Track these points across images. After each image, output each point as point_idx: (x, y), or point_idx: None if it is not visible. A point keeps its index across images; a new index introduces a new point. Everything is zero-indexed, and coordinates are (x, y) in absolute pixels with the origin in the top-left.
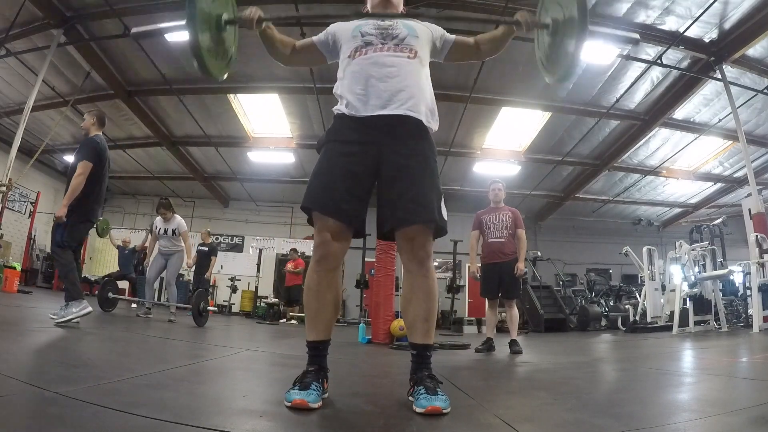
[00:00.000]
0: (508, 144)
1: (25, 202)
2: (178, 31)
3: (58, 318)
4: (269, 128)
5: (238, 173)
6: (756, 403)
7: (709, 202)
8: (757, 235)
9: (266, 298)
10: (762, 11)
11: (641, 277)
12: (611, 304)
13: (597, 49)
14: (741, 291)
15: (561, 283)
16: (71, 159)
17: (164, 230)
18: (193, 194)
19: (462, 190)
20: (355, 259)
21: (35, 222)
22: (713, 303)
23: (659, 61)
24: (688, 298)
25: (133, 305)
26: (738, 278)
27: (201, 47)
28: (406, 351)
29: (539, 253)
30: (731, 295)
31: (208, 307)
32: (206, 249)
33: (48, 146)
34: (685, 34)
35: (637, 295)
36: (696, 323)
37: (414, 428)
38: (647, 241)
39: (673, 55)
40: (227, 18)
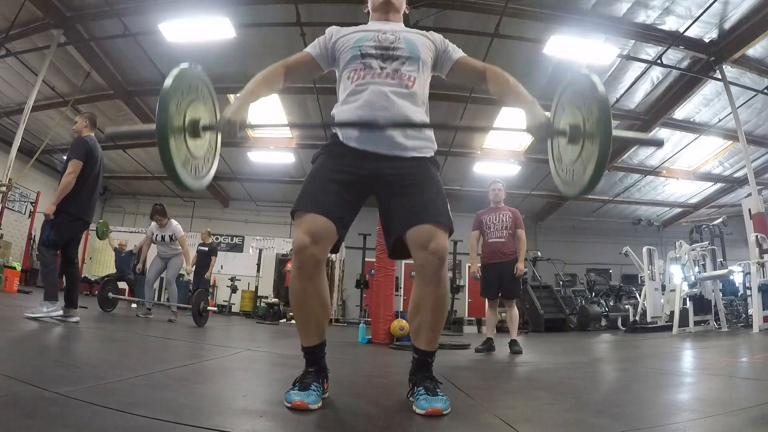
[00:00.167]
0: (508, 144)
1: (25, 202)
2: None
3: (30, 312)
4: (269, 128)
5: (238, 173)
6: (756, 403)
7: (709, 202)
8: (757, 235)
9: (266, 298)
10: (762, 11)
11: (641, 277)
12: (611, 304)
13: (597, 49)
14: (741, 291)
15: (561, 283)
16: None
17: (161, 237)
18: (193, 194)
19: (462, 190)
20: (355, 259)
21: (35, 222)
22: (713, 303)
23: (659, 61)
24: (688, 298)
25: (133, 305)
26: (738, 278)
27: (174, 162)
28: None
29: (539, 253)
30: (731, 295)
31: (208, 307)
32: (206, 249)
33: (48, 146)
34: (685, 34)
35: (637, 295)
36: (696, 323)
37: (414, 428)
38: (647, 241)
39: (673, 55)
40: (205, 124)
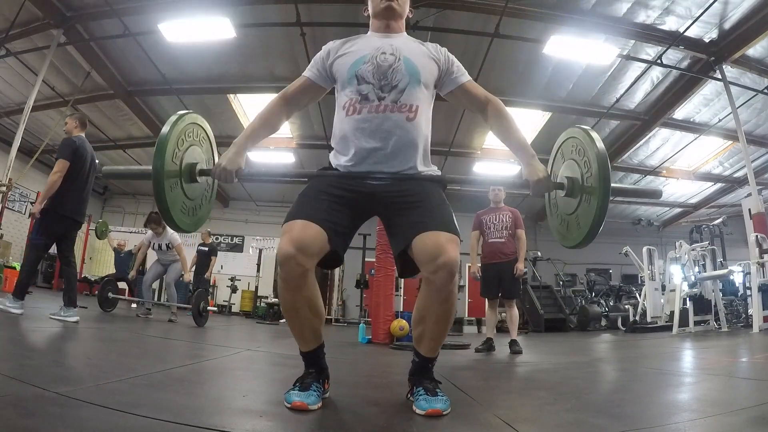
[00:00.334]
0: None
1: (25, 202)
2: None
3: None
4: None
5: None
6: (756, 403)
7: (709, 202)
8: (757, 235)
9: (266, 298)
10: (762, 11)
11: (641, 277)
12: (611, 304)
13: (597, 49)
14: (741, 291)
15: (561, 283)
16: None
17: (158, 245)
18: None
19: (462, 191)
20: (355, 259)
21: (35, 222)
22: (713, 303)
23: (659, 61)
24: (688, 298)
25: (132, 305)
26: (738, 278)
27: (169, 206)
28: (406, 351)
29: (539, 253)
30: (731, 295)
31: (208, 307)
32: (206, 249)
33: (48, 146)
34: (685, 34)
35: (637, 295)
36: (696, 323)
37: (414, 428)
38: (647, 241)
39: (673, 55)
40: (202, 168)
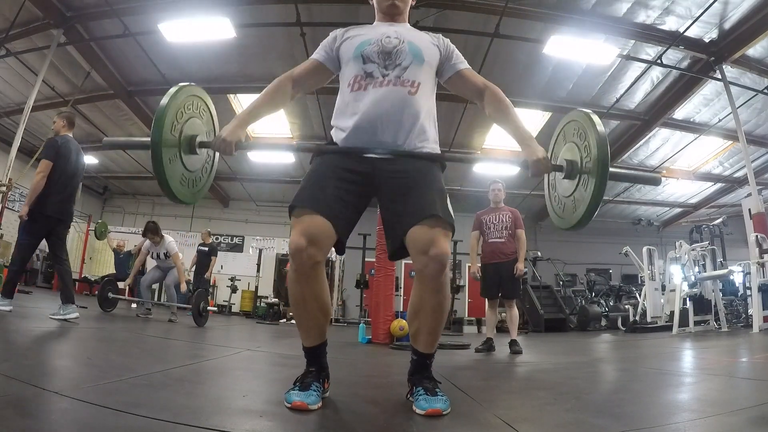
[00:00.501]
0: (508, 144)
1: (25, 202)
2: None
3: None
4: (269, 128)
5: (238, 173)
6: (756, 403)
7: (709, 202)
8: (757, 235)
9: (266, 298)
10: (762, 11)
11: (641, 277)
12: (611, 304)
13: (597, 49)
14: (741, 291)
15: (561, 283)
16: None
17: (155, 254)
18: None
19: (462, 190)
20: (355, 259)
21: None
22: (713, 303)
23: (659, 61)
24: (688, 298)
25: (132, 305)
26: (738, 278)
27: (166, 176)
28: (406, 351)
29: (539, 253)
30: (731, 295)
31: (208, 307)
32: (206, 249)
33: None
34: (685, 34)
35: (637, 295)
36: (696, 323)
37: (414, 429)
38: (647, 241)
39: (673, 55)
40: (202, 140)
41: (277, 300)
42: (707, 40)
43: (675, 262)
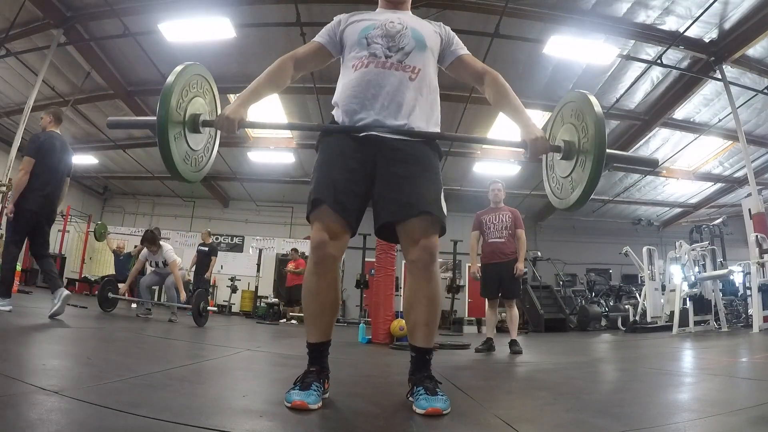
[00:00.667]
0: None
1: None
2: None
3: None
4: (269, 128)
5: (238, 173)
6: (756, 403)
7: (709, 202)
8: (757, 235)
9: (266, 298)
10: (762, 11)
11: (641, 277)
12: (611, 304)
13: (597, 49)
14: (741, 291)
15: (561, 283)
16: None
17: (154, 262)
18: (193, 194)
19: (462, 190)
20: (355, 259)
21: None
22: (713, 303)
23: (659, 61)
24: (688, 298)
25: (132, 305)
26: (738, 278)
27: (172, 155)
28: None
29: (539, 253)
30: (731, 295)
31: (208, 307)
32: (206, 249)
33: None
34: (685, 34)
35: (637, 295)
36: (696, 323)
37: (414, 428)
38: (647, 241)
39: (673, 55)
40: (205, 119)
41: (277, 300)
42: (707, 40)
43: (675, 262)
